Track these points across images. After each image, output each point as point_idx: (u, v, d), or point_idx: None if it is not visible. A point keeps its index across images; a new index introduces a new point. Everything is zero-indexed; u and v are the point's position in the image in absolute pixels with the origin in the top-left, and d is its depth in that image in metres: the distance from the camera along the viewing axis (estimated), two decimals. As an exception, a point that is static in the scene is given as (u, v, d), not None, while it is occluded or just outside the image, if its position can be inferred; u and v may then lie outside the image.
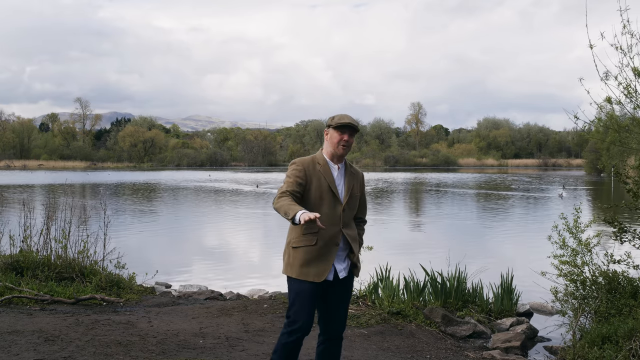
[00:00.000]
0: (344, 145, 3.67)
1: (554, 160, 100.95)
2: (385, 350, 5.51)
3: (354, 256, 3.72)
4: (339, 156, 3.71)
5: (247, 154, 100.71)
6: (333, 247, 3.62)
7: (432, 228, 17.66)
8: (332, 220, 3.61)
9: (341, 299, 3.73)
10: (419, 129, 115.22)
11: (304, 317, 3.58)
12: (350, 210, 3.73)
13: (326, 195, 3.64)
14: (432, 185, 41.48)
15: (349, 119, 3.69)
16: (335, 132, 3.68)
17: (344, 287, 3.72)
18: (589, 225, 6.17)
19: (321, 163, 3.70)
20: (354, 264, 3.74)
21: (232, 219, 19.64)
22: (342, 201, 3.67)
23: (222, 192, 32.86)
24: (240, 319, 6.34)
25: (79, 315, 6.25)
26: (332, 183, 3.66)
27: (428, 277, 7.24)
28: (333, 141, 3.68)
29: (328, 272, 3.60)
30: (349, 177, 3.75)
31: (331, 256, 3.60)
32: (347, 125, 3.65)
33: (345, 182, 3.73)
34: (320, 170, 3.67)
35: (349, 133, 3.67)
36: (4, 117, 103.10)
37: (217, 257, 12.18)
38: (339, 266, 3.66)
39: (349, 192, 3.71)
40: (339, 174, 3.73)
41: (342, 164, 3.77)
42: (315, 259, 3.59)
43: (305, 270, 3.58)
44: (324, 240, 3.59)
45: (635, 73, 5.37)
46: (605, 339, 4.92)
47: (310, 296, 3.60)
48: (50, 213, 8.26)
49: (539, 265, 6.94)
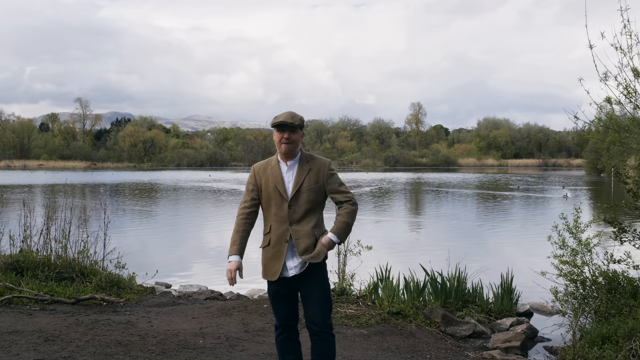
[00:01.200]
0: (286, 143, 3.68)
1: (554, 160, 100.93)
2: (385, 350, 5.51)
3: (303, 254, 3.64)
4: (284, 153, 3.72)
5: (247, 154, 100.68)
6: (283, 245, 3.67)
7: (432, 228, 17.67)
8: (280, 219, 3.69)
9: (309, 292, 3.68)
10: (419, 129, 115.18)
11: (276, 314, 3.78)
12: (301, 205, 3.67)
13: (273, 194, 3.70)
14: (432, 185, 41.47)
15: (285, 116, 3.68)
16: (276, 132, 3.72)
17: (310, 280, 3.67)
18: (589, 225, 6.17)
19: (272, 164, 3.77)
20: (310, 256, 3.64)
21: (233, 219, 19.60)
22: (288, 197, 3.67)
23: (223, 192, 32.85)
24: (240, 319, 6.34)
25: (79, 315, 6.26)
26: (278, 182, 3.69)
27: (428, 277, 7.24)
28: (276, 141, 3.74)
29: (280, 270, 3.66)
30: (300, 171, 3.71)
31: (282, 254, 3.67)
32: (281, 124, 3.66)
33: (295, 178, 3.71)
34: (269, 171, 3.75)
35: (289, 130, 3.67)
36: (4, 117, 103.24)
37: (217, 257, 12.17)
38: (289, 263, 3.67)
39: (296, 187, 3.68)
40: (289, 170, 3.74)
41: (294, 160, 3.75)
42: (270, 258, 3.71)
43: (265, 270, 3.74)
44: (275, 238, 3.70)
45: (635, 73, 5.37)
46: (605, 339, 4.92)
47: (274, 295, 3.74)
48: (50, 213, 8.26)
49: (539, 265, 6.94)
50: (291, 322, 3.79)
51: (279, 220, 3.69)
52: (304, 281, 3.68)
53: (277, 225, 3.70)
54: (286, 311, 3.75)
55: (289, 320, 3.77)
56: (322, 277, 3.72)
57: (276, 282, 3.70)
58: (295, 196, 3.67)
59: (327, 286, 3.74)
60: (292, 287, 3.72)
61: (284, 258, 3.67)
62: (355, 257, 7.52)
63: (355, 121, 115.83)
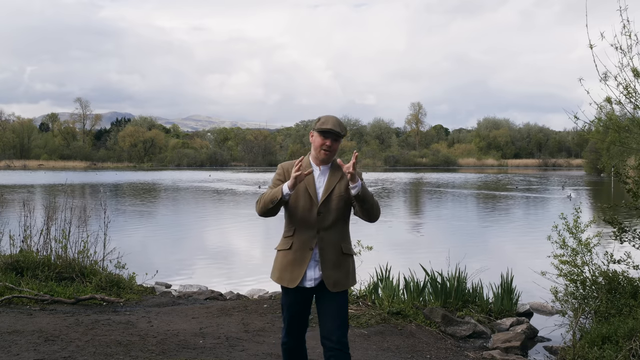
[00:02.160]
0: (326, 150, 3.50)
1: (554, 160, 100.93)
2: (385, 350, 5.51)
3: (327, 267, 3.45)
4: (322, 161, 3.55)
5: (247, 154, 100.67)
6: (307, 252, 3.46)
7: (432, 228, 17.67)
8: (308, 224, 3.48)
9: (328, 307, 3.48)
10: (419, 129, 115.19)
11: (286, 322, 3.59)
12: (330, 213, 3.48)
13: (302, 196, 3.49)
14: (432, 185, 41.48)
15: (333, 124, 3.47)
16: (318, 136, 3.51)
17: (330, 295, 3.48)
18: (589, 225, 6.17)
19: (304, 165, 3.53)
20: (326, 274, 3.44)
21: (233, 219, 19.65)
22: (318, 202, 3.48)
23: (223, 193, 32.85)
24: (240, 319, 6.34)
25: (79, 315, 6.26)
26: (309, 185, 3.50)
27: (428, 277, 7.24)
28: (316, 145, 3.53)
29: (300, 277, 3.45)
30: (331, 178, 3.54)
31: (305, 261, 3.45)
32: (329, 131, 3.46)
33: (326, 183, 3.53)
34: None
35: (332, 138, 3.48)
36: (4, 117, 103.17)
37: (217, 257, 12.18)
38: (310, 273, 3.46)
39: (327, 192, 3.49)
40: (321, 175, 3.56)
41: (327, 166, 3.58)
42: (290, 263, 3.48)
43: (281, 275, 3.51)
44: (299, 244, 3.48)
45: (635, 73, 5.37)
46: (605, 339, 4.92)
47: (289, 302, 3.54)
48: (50, 213, 8.26)
49: (539, 265, 6.94)
50: (300, 332, 3.62)
51: (305, 225, 3.48)
52: (324, 295, 3.49)
53: (302, 229, 3.48)
54: (296, 320, 3.57)
55: (297, 330, 3.60)
56: (343, 293, 3.53)
57: (292, 291, 3.50)
58: (325, 202, 3.49)
59: (346, 304, 3.55)
60: (308, 297, 3.54)
61: (306, 266, 3.45)
62: (355, 257, 7.51)
63: (355, 121, 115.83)
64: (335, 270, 3.48)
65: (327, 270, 3.46)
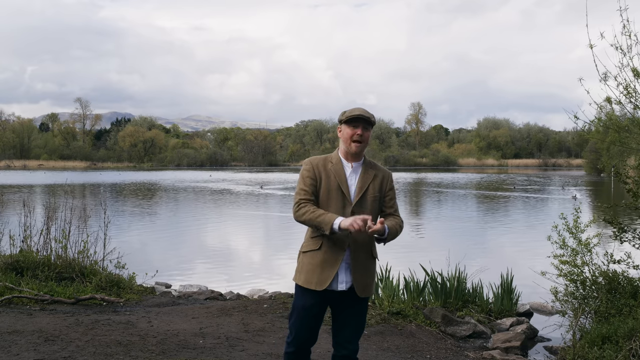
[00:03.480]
0: (358, 141, 3.33)
1: (554, 160, 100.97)
2: (385, 350, 5.51)
3: (358, 270, 3.32)
4: (354, 153, 3.36)
5: (247, 154, 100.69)
6: (340, 253, 3.28)
7: (432, 228, 17.67)
8: None
9: (349, 314, 3.35)
10: (419, 129, 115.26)
11: (298, 329, 3.37)
12: (364, 212, 3.30)
13: (334, 194, 3.31)
14: (432, 185, 41.48)
15: (361, 110, 3.34)
16: (347, 127, 3.34)
17: (354, 302, 3.34)
18: (589, 225, 6.17)
19: (334, 162, 3.40)
20: (357, 278, 3.31)
21: (233, 220, 19.65)
22: (352, 201, 3.32)
23: (224, 193, 32.84)
24: (240, 319, 6.34)
25: (79, 315, 6.26)
26: (342, 182, 3.33)
27: (428, 277, 7.24)
28: (345, 137, 3.35)
29: (331, 279, 3.26)
30: (364, 176, 3.39)
31: (336, 263, 3.27)
32: (359, 117, 3.31)
33: (359, 182, 3.37)
34: (332, 169, 3.37)
35: (363, 126, 3.33)
36: (4, 117, 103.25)
37: (217, 257, 12.18)
38: (341, 276, 3.29)
39: (361, 191, 3.34)
40: (353, 173, 3.39)
41: (358, 163, 3.42)
42: (319, 264, 3.28)
43: (309, 278, 3.30)
44: (329, 244, 3.28)
45: (635, 73, 5.37)
46: (605, 339, 4.92)
47: (309, 311, 3.33)
48: (50, 213, 8.26)
49: (539, 265, 6.94)
50: (312, 339, 3.41)
51: None
52: (348, 300, 3.33)
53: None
54: (309, 332, 3.37)
55: (308, 342, 3.40)
56: (365, 301, 3.43)
57: (317, 294, 3.29)
58: (360, 202, 3.33)
59: (366, 311, 3.48)
60: (327, 303, 3.37)
61: (337, 268, 3.26)
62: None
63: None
64: (365, 274, 3.36)
65: (357, 274, 3.32)
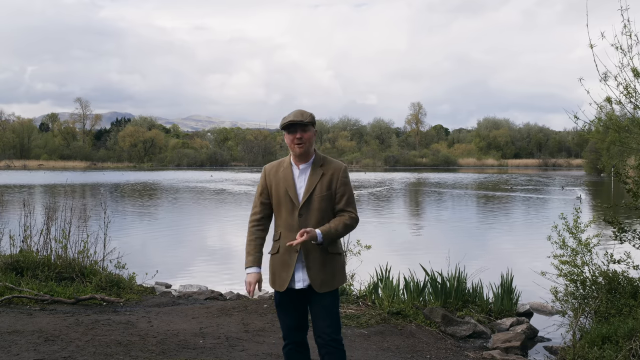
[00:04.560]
0: (299, 144, 3.44)
1: (554, 160, 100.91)
2: (385, 350, 5.51)
3: (313, 268, 3.45)
4: (299, 155, 3.48)
5: (247, 154, 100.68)
6: (292, 254, 3.46)
7: (432, 228, 17.67)
8: (291, 226, 3.46)
9: (318, 307, 3.50)
10: (419, 129, 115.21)
11: (282, 324, 3.62)
12: (312, 213, 3.44)
13: (283, 199, 3.49)
14: (432, 185, 41.48)
15: (294, 114, 3.45)
16: (286, 133, 3.49)
17: (319, 295, 3.48)
18: (588, 225, 6.17)
19: (285, 166, 3.55)
20: (312, 275, 3.44)
21: (233, 220, 19.64)
22: (299, 204, 3.45)
23: (225, 193, 32.84)
24: (240, 319, 6.34)
25: (79, 315, 6.26)
26: (289, 186, 3.47)
27: (428, 277, 7.24)
28: (288, 142, 3.51)
29: (288, 280, 3.45)
30: (312, 177, 3.48)
31: (291, 264, 3.46)
32: (291, 123, 3.44)
33: (306, 183, 3.48)
34: (281, 174, 3.53)
35: (300, 129, 3.44)
36: (4, 117, 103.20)
37: (217, 257, 12.19)
38: (298, 275, 3.47)
39: (307, 193, 3.45)
40: (301, 174, 3.51)
41: (307, 163, 3.52)
42: (279, 267, 3.51)
43: (273, 279, 3.55)
44: (285, 247, 3.46)
45: (635, 73, 5.37)
46: (605, 339, 4.92)
47: (281, 305, 3.56)
48: (50, 213, 8.26)
49: (539, 265, 6.94)
50: (298, 333, 3.58)
51: (288, 228, 3.46)
52: (313, 296, 3.50)
53: (286, 232, 3.47)
54: (292, 321, 3.56)
55: (294, 330, 3.57)
56: (331, 293, 3.52)
57: (283, 294, 3.52)
58: (306, 204, 3.45)
59: (335, 303, 3.54)
60: (299, 298, 3.53)
61: (292, 268, 3.46)
62: (355, 257, 7.52)
63: (355, 121, 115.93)
64: (321, 271, 3.47)
65: (313, 272, 3.46)
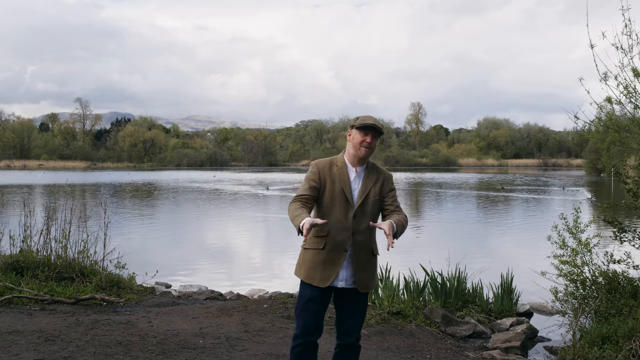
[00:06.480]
0: (366, 147, 3.54)
1: (554, 160, 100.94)
2: (385, 350, 5.51)
3: (360, 269, 3.52)
4: (360, 158, 3.57)
5: (247, 154, 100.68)
6: (341, 253, 3.49)
7: (432, 228, 17.67)
8: (343, 226, 3.49)
9: (354, 306, 3.58)
10: (419, 129, 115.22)
11: (305, 321, 3.54)
12: (365, 216, 3.53)
13: (338, 198, 3.51)
14: (432, 185, 41.48)
15: (373, 120, 3.57)
16: (358, 133, 3.56)
17: (357, 297, 3.56)
18: (588, 225, 6.17)
19: (339, 165, 3.59)
20: (358, 276, 3.52)
21: (233, 219, 19.65)
22: (355, 205, 3.51)
23: (226, 193, 32.83)
24: (240, 319, 6.34)
25: (79, 315, 6.26)
26: (346, 186, 3.53)
27: (428, 277, 7.24)
28: (355, 142, 3.56)
29: (333, 278, 3.48)
30: (367, 181, 3.59)
31: (338, 262, 3.48)
32: (371, 126, 3.53)
33: (361, 186, 3.57)
34: (336, 173, 3.56)
35: (372, 135, 3.55)
36: (4, 117, 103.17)
37: (217, 257, 12.18)
38: (342, 274, 3.51)
39: (362, 195, 3.54)
40: (357, 178, 3.59)
41: (362, 167, 3.62)
42: (322, 263, 3.48)
43: (311, 274, 3.51)
44: (332, 244, 3.48)
45: (635, 73, 5.37)
46: (605, 339, 4.92)
47: (314, 301, 3.52)
48: (50, 213, 8.26)
49: (539, 265, 6.93)
50: (316, 334, 3.56)
51: (340, 227, 3.48)
52: (351, 295, 3.55)
53: (336, 231, 3.48)
54: (314, 320, 3.53)
55: (314, 330, 3.54)
56: (367, 295, 3.65)
57: (320, 290, 3.50)
58: (362, 206, 3.53)
59: (367, 304, 3.69)
60: (330, 297, 3.57)
61: (339, 267, 3.48)
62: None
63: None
64: (365, 272, 3.56)
65: (358, 272, 3.52)
